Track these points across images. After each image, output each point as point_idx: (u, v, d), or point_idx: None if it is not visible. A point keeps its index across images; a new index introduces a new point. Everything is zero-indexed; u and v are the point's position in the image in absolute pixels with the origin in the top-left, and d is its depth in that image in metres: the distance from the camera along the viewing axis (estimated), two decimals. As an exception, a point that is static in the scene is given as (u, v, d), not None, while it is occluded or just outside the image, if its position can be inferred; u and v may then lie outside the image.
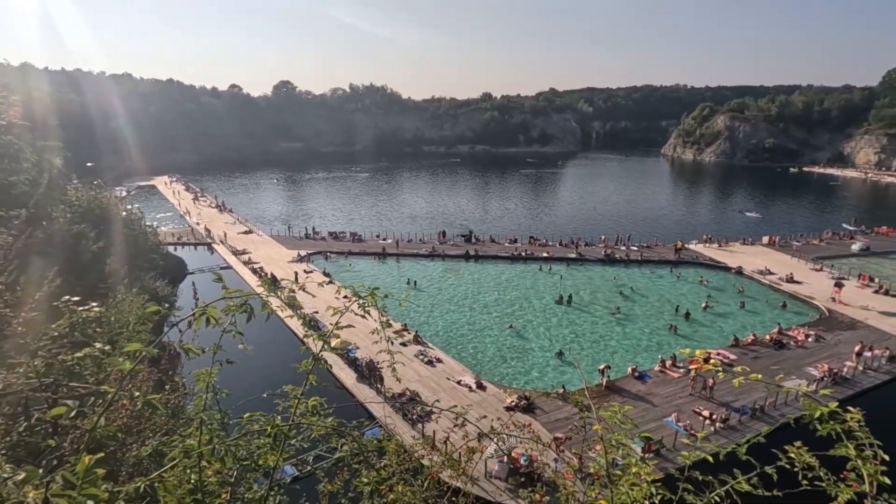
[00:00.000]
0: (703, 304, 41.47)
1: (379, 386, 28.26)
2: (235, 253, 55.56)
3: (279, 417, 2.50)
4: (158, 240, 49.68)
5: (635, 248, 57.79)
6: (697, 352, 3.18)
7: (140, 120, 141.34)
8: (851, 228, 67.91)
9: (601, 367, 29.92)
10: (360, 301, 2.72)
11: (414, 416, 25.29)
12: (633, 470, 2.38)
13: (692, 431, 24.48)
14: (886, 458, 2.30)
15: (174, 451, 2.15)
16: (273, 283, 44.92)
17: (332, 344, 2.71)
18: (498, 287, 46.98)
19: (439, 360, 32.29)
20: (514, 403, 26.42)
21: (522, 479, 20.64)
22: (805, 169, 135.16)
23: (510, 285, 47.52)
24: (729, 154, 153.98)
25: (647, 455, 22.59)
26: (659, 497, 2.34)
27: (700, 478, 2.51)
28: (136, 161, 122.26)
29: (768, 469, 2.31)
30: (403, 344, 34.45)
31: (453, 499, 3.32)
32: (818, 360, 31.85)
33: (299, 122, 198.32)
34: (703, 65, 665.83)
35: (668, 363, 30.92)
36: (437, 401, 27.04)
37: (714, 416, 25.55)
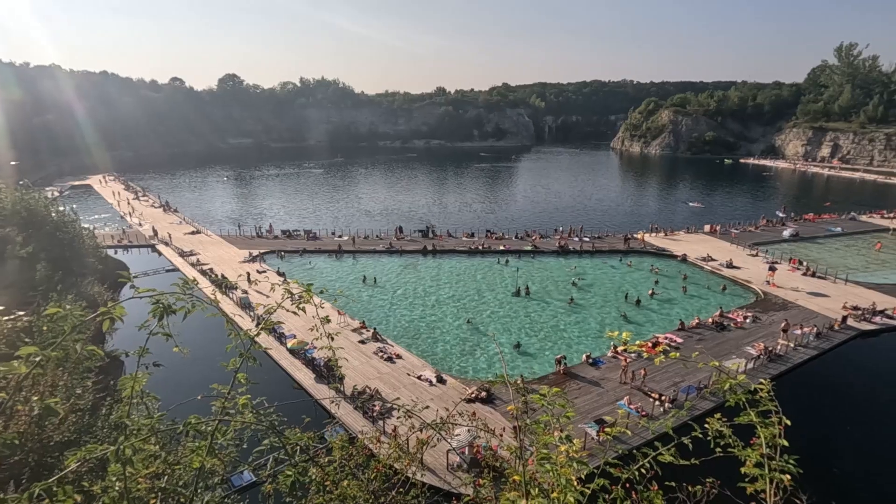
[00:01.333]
0: (650, 291, 43.40)
1: (338, 385, 27.88)
2: (182, 254, 53.16)
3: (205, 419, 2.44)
4: (97, 242, 46.74)
5: (587, 240, 59.62)
6: (625, 334, 3.33)
7: (72, 115, 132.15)
8: (782, 216, 72.79)
9: (557, 357, 30.84)
10: (294, 297, 2.67)
11: (374, 414, 25.17)
12: (563, 448, 2.49)
13: (643, 413, 25.63)
14: (788, 422, 2.52)
15: (75, 455, 2.04)
16: (224, 284, 43.36)
17: (289, 345, 2.63)
18: (456, 281, 47.30)
19: (399, 357, 32.23)
20: (474, 395, 26.79)
21: (484, 469, 20.97)
22: (742, 160, 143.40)
23: (468, 279, 47.95)
24: (673, 147, 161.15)
25: (601, 437, 23.52)
26: (585, 472, 2.46)
27: (623, 452, 2.66)
28: (69, 159, 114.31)
29: (685, 440, 2.48)
30: (362, 342, 34.17)
31: (400, 490, 3.36)
32: (755, 340, 34.06)
33: (248, 116, 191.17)
34: (648, 61, 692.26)
35: (620, 349, 32.18)
36: (398, 398, 27.04)
37: (663, 397, 26.85)
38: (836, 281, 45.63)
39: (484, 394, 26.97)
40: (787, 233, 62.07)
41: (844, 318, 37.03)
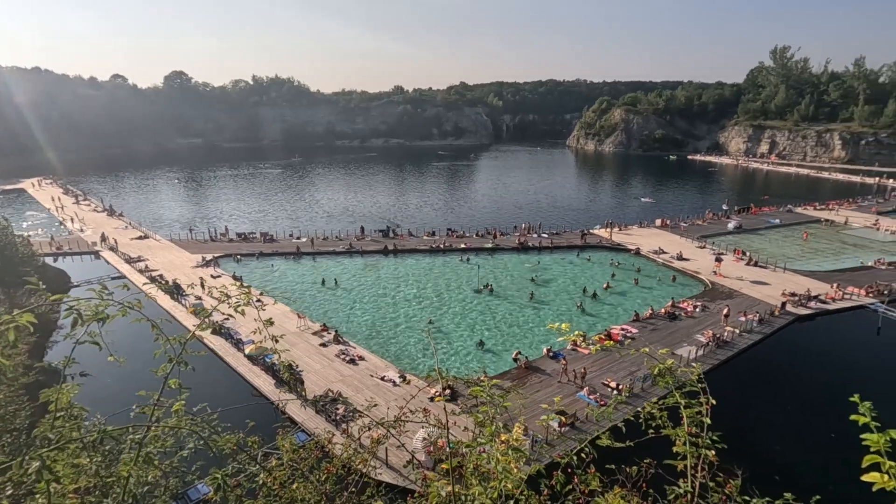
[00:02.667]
0: (605, 285, 44.80)
1: (300, 389, 27.33)
2: (129, 261, 50.59)
3: (132, 428, 2.35)
4: (32, 250, 43.78)
5: (546, 236, 60.87)
6: (563, 325, 3.46)
7: (1, 114, 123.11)
8: (726, 208, 76.75)
9: (514, 354, 31.42)
10: (231, 300, 2.61)
11: (337, 417, 24.82)
12: (503, 437, 2.56)
13: (602, 402, 26.45)
14: (714, 402, 2.68)
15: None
16: (176, 290, 41.62)
17: (247, 351, 2.56)
18: (418, 280, 47.26)
19: (362, 358, 31.90)
20: (437, 394, 26.86)
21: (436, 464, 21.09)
22: (689, 157, 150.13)
23: (430, 278, 48.00)
24: (625, 144, 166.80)
25: (563, 429, 24.14)
26: (523, 461, 2.54)
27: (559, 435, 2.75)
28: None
29: (619, 423, 2.59)
30: (324, 345, 33.62)
31: (353, 490, 3.34)
32: (705, 328, 35.77)
33: (198, 115, 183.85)
34: (600, 61, 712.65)
35: (579, 341, 33.00)
36: (339, 395, 26.76)
37: (620, 387, 27.79)
38: (775, 269, 48.54)
39: (448, 391, 27.08)
40: (731, 225, 65.47)
41: (783, 305, 39.45)
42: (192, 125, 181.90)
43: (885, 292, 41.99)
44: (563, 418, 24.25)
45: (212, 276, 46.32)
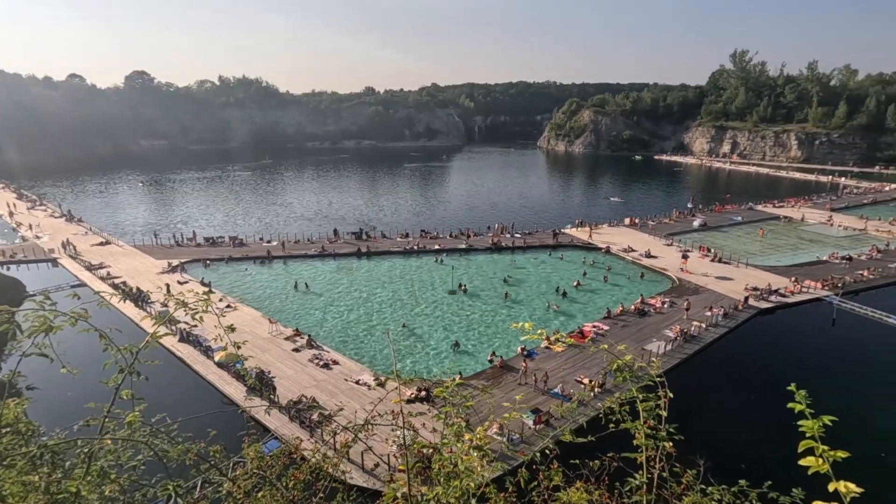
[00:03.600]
0: (576, 283, 45.55)
1: (272, 396, 26.80)
2: (90, 268, 48.63)
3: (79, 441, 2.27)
4: (-17, 259, 41.62)
5: (519, 236, 61.49)
6: (526, 324, 3.53)
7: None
8: (691, 206, 79.16)
9: (489, 356, 31.63)
10: (189, 307, 2.55)
11: (311, 422, 24.46)
12: (467, 437, 2.59)
13: (572, 398, 26.84)
14: (671, 395, 2.77)
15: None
16: (140, 297, 40.26)
17: (217, 358, 2.50)
18: (392, 282, 47.03)
19: (336, 363, 31.53)
20: (413, 396, 26.77)
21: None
22: (656, 157, 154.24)
23: (404, 280, 47.83)
24: (595, 145, 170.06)
25: (538, 426, 24.42)
26: (486, 459, 2.58)
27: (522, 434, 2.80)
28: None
29: (581, 420, 2.64)
30: (296, 350, 33.09)
31: (322, 495, 3.31)
32: (672, 323, 36.77)
33: (162, 117, 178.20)
34: (569, 63, 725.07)
35: (552, 339, 33.51)
36: (325, 405, 26.44)
37: (593, 382, 28.31)
38: (738, 265, 50.33)
39: (424, 393, 27.04)
40: (696, 223, 67.54)
41: (746, 299, 40.93)
42: (156, 127, 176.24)
43: (839, 285, 44.06)
44: (539, 416, 24.53)
45: (178, 283, 44.98)
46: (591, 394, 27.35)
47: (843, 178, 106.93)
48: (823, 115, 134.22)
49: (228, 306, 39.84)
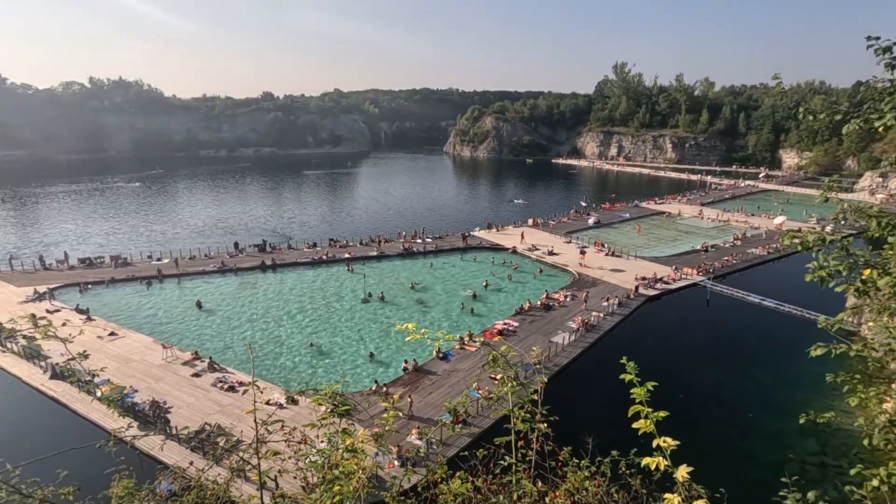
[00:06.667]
0: (484, 283, 47.09)
1: (168, 428, 24.44)
2: (-72, 302, 40.94)
3: None
4: None
5: (430, 240, 62.18)
6: (409, 325, 3.65)
7: None
8: (584, 205, 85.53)
9: (403, 364, 31.58)
10: (25, 334, 2.27)
11: (218, 452, 22.61)
12: (348, 441, 2.59)
13: (490, 396, 27.65)
14: (545, 380, 2.97)
15: None
16: (-2, 332, 34.64)
17: (100, 393, 2.21)
18: (301, 295, 45.20)
19: (242, 384, 29.53)
20: (329, 410, 25.90)
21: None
22: (553, 161, 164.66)
23: (314, 291, 46.19)
24: (498, 150, 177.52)
25: (456, 425, 24.77)
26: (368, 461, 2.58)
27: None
28: None
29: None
30: (196, 374, 30.56)
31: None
32: (575, 315, 39.34)
33: (20, 123, 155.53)
34: (470, 71, 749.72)
35: (466, 339, 34.26)
36: (232, 431, 24.76)
37: (518, 377, 29.32)
38: (628, 258, 55.20)
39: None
40: (591, 221, 73.02)
41: (637, 288, 45.01)
42: (12, 135, 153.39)
43: (711, 271, 50.10)
44: (456, 416, 24.90)
45: (48, 311, 39.42)
46: (506, 388, 28.32)
47: (709, 177, 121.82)
48: (691, 122, 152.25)
49: (112, 334, 35.78)
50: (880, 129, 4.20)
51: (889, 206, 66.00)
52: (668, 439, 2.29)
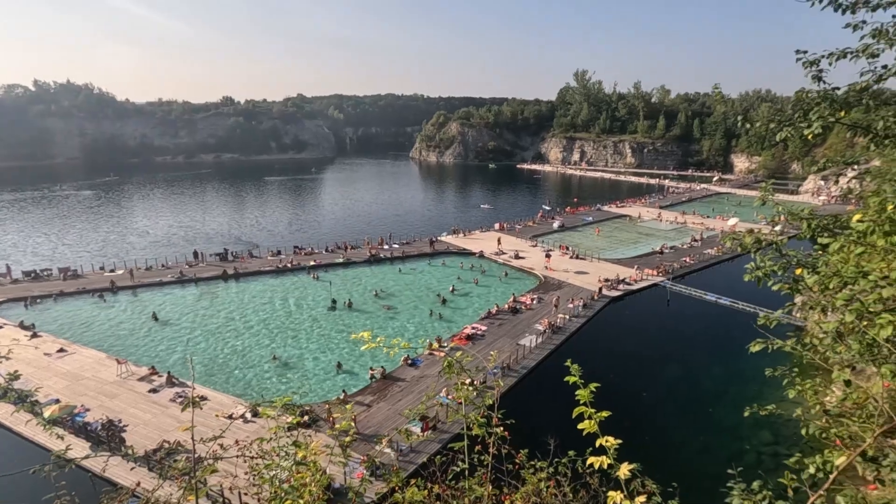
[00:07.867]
0: (451, 288, 47.22)
1: (123, 448, 23.27)
2: None
3: None
4: None
5: (397, 246, 61.88)
6: (365, 333, 3.64)
7: None
8: (548, 209, 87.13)
9: (370, 372, 31.22)
10: None
11: (164, 470, 21.71)
12: (300, 454, 2.57)
13: (459, 401, 27.67)
14: (501, 383, 3.03)
15: None
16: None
17: (47, 414, 2.10)
18: (265, 304, 44.11)
19: (204, 398, 28.47)
20: (297, 421, 25.33)
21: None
22: (518, 166, 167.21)
23: (278, 300, 45.17)
24: (464, 156, 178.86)
25: (426, 432, 24.67)
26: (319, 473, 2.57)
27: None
28: None
29: (429, 418, 2.76)
30: (154, 390, 29.32)
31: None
32: (541, 318, 39.93)
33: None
34: (434, 77, 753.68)
35: (434, 345, 34.20)
36: (192, 448, 23.78)
37: (475, 381, 29.43)
38: (592, 260, 56.52)
39: (307, 417, 25.73)
40: (555, 224, 74.42)
41: (601, 290, 46.10)
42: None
43: (670, 271, 51.88)
44: (426, 423, 24.80)
45: (-11, 329, 37.05)
46: (475, 393, 28.42)
47: (666, 181, 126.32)
48: (648, 128, 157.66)
49: (62, 350, 33.93)
50: (809, 137, 4.49)
51: (822, 209, 70.34)
52: (611, 438, 2.38)
